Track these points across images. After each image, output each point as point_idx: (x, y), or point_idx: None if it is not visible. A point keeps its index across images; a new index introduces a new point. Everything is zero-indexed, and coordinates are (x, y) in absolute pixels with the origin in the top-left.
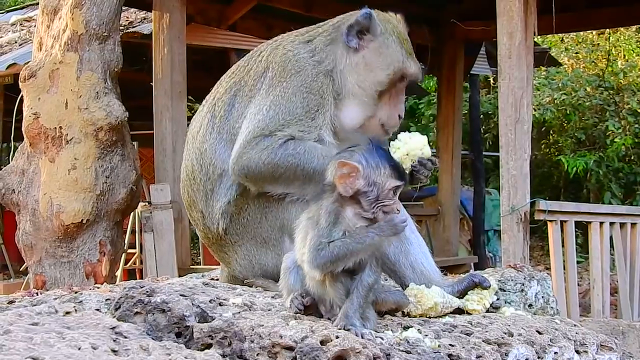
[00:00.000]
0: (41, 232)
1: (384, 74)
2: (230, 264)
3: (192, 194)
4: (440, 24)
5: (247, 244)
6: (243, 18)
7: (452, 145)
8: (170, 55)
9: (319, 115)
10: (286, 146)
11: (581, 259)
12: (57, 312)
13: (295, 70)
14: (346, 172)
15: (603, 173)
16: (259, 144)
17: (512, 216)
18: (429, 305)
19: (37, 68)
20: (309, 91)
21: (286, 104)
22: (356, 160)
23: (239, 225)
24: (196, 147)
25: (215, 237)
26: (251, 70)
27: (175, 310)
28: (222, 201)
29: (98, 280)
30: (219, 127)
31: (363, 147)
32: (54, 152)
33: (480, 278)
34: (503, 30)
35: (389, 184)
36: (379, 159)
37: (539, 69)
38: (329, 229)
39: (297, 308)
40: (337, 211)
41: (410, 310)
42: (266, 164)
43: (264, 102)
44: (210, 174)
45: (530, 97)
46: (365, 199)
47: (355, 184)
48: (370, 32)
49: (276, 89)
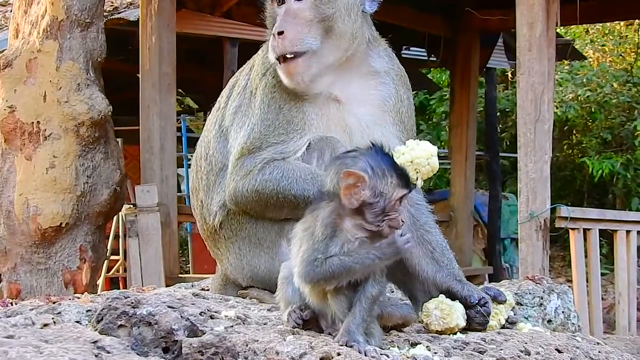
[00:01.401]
0: (16, 237)
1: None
2: (222, 262)
3: (197, 181)
4: (454, 12)
5: (240, 242)
6: (239, 4)
7: (465, 145)
8: (158, 44)
9: (297, 112)
10: (264, 171)
11: (606, 270)
12: (34, 324)
13: (262, 73)
14: (351, 182)
15: (631, 177)
16: (242, 168)
17: (530, 223)
18: (453, 325)
19: (13, 57)
20: (273, 89)
21: (260, 113)
22: (361, 169)
23: (235, 221)
24: (206, 135)
25: (211, 229)
26: (245, 69)
27: (162, 323)
28: (222, 195)
29: (78, 290)
30: (220, 119)
31: (365, 152)
32: (31, 149)
33: (495, 292)
34: (523, 20)
35: (396, 194)
36: (385, 166)
37: (562, 63)
38: (325, 242)
39: (295, 322)
40: (335, 223)
41: (430, 323)
42: (249, 191)
43: (247, 113)
44: (212, 166)
45: (552, 93)
46: (370, 210)
47: (360, 195)
48: None
49: (256, 96)
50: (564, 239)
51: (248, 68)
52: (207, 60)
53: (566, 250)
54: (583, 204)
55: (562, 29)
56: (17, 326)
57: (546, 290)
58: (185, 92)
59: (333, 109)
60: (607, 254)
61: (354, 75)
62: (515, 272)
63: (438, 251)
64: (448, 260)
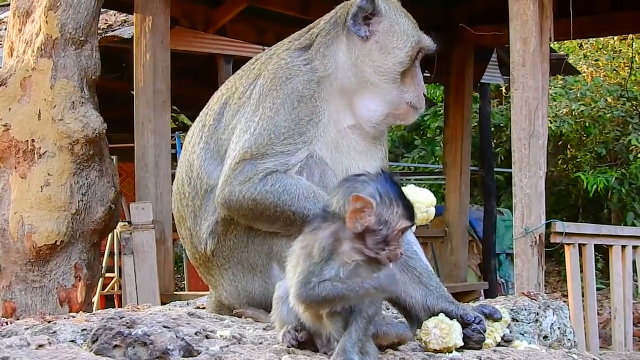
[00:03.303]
0: (11, 255)
1: (403, 53)
2: (216, 288)
3: (182, 209)
4: (447, 28)
5: (233, 269)
6: (232, 21)
7: (460, 161)
8: (152, 62)
9: (310, 126)
10: (265, 181)
11: (601, 285)
12: (29, 344)
13: (285, 78)
14: (359, 207)
15: (625, 191)
16: (241, 173)
17: (525, 238)
18: (451, 344)
19: (7, 75)
20: (300, 99)
21: (275, 116)
22: (370, 194)
23: (225, 247)
24: (186, 158)
25: (202, 257)
26: (243, 78)
27: (157, 343)
28: (209, 220)
29: (73, 308)
30: (207, 136)
31: (374, 178)
32: (26, 167)
33: (490, 309)
34: (516, 35)
35: (400, 224)
36: (393, 194)
37: (556, 78)
38: (320, 265)
39: (289, 342)
40: (333, 246)
41: (429, 341)
42: (246, 198)
43: (252, 118)
44: (197, 189)
45: (546, 108)
46: (372, 237)
47: (366, 221)
48: (376, 14)
49: (266, 99)
50: (559, 254)
51: (250, 74)
52: (201, 77)
53: (562, 265)
54: (578, 218)
55: (556, 44)
56: (13, 347)
57: (542, 306)
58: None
59: (332, 129)
60: (603, 268)
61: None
62: (511, 288)
63: (425, 275)
64: (436, 284)
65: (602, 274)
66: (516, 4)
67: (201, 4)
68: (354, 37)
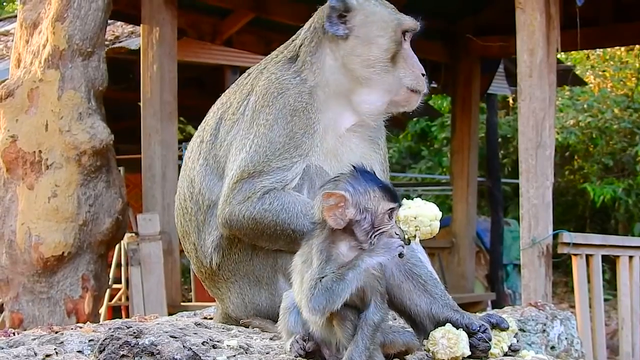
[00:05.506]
0: (18, 266)
1: (385, 39)
2: (223, 302)
3: (185, 224)
4: (454, 39)
5: (239, 282)
6: (239, 32)
7: (467, 171)
8: (160, 73)
9: (305, 138)
10: (264, 200)
11: (609, 296)
12: (36, 355)
13: (277, 93)
14: (333, 203)
15: (633, 202)
16: (240, 192)
17: (533, 249)
18: (459, 354)
19: (14, 86)
20: (293, 113)
21: (269, 132)
22: (341, 189)
23: (231, 261)
24: (187, 174)
25: (208, 272)
26: (237, 93)
27: (164, 353)
28: (214, 235)
29: (80, 319)
30: (205, 152)
31: (346, 175)
32: (33, 178)
33: (497, 319)
34: (523, 46)
35: (381, 207)
36: (366, 183)
37: (562, 89)
38: (321, 267)
39: (297, 352)
40: (329, 248)
41: (437, 352)
42: (246, 217)
43: (247, 135)
44: (200, 204)
45: (553, 119)
46: (359, 228)
47: (345, 214)
48: (350, 10)
49: (259, 116)
50: (566, 264)
51: (244, 90)
52: (208, 88)
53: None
54: (585, 229)
55: (563, 55)
56: (20, 357)
57: (549, 316)
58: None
59: (329, 137)
60: (610, 279)
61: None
62: (518, 298)
63: (430, 283)
64: (441, 292)
65: (610, 284)
66: (523, 15)
67: (208, 15)
68: (335, 39)
